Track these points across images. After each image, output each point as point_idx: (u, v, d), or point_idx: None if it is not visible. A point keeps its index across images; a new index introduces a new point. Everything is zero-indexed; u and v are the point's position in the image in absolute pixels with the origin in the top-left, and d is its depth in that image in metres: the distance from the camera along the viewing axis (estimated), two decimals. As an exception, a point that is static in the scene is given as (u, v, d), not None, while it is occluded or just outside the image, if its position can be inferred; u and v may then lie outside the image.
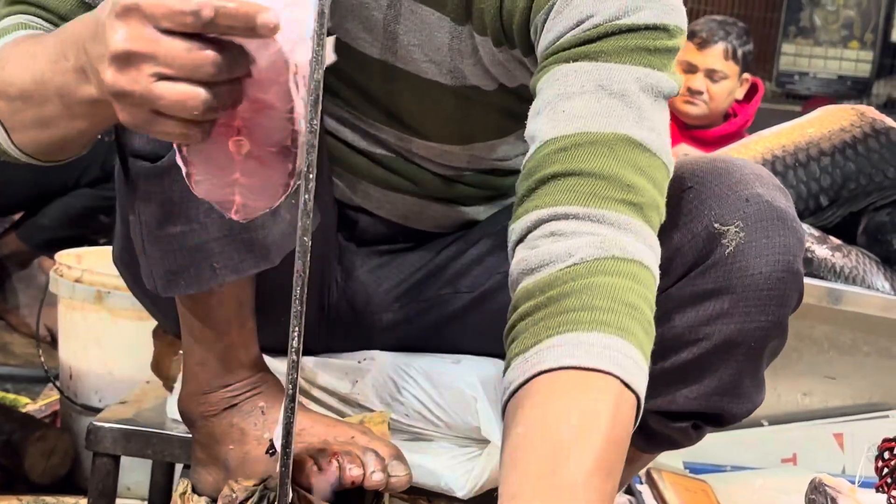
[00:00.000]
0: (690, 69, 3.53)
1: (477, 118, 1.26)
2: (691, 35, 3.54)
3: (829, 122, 2.36)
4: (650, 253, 1.01)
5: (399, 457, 1.20)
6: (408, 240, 1.40)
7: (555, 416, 0.91)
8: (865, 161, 2.30)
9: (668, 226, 1.10)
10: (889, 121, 2.34)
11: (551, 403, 0.92)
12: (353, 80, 1.26)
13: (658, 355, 1.15)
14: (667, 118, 1.07)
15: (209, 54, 0.79)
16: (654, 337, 0.99)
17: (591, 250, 0.98)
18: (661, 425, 1.25)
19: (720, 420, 1.25)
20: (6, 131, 1.03)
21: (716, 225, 1.17)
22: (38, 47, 0.97)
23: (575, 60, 1.05)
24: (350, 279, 1.39)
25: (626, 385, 0.93)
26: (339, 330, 1.40)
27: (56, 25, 1.09)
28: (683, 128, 3.59)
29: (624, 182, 1.01)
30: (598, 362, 0.92)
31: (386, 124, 1.29)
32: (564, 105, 1.04)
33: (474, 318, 1.37)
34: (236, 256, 1.13)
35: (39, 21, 1.11)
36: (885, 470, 1.37)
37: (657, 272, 1.02)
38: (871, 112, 2.37)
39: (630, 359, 0.94)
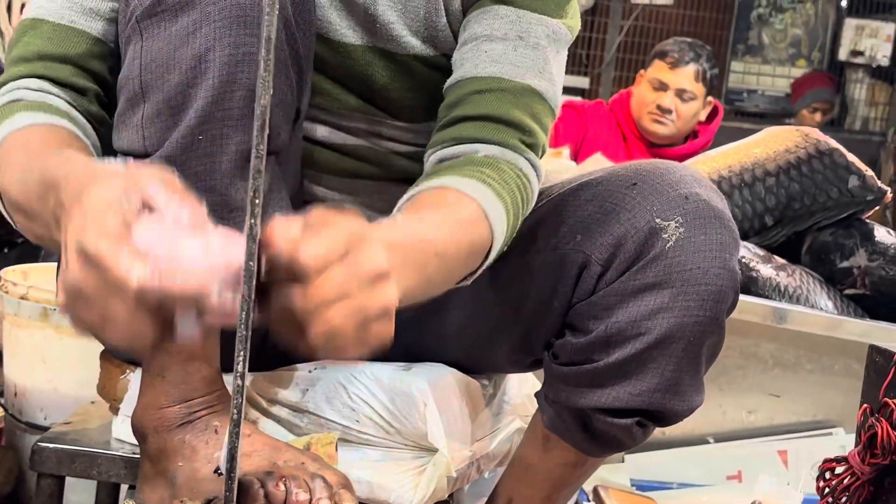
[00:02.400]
0: (661, 87, 3.63)
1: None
2: (663, 54, 3.65)
3: (775, 142, 2.39)
4: (534, 174, 1.24)
5: (347, 485, 1.20)
6: None
7: (430, 207, 1.13)
8: (810, 181, 2.33)
9: (612, 220, 1.22)
10: (833, 142, 2.38)
11: (435, 199, 1.15)
12: (332, 71, 1.30)
13: (602, 350, 1.20)
14: (561, 63, 1.30)
15: (144, 325, 0.81)
16: (519, 235, 1.24)
17: (495, 151, 1.20)
18: (605, 425, 1.27)
19: (662, 418, 1.28)
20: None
21: (657, 220, 1.21)
22: (33, 166, 1.02)
23: (503, 3, 1.26)
24: None
25: (486, 217, 1.14)
26: None
27: (67, 85, 1.19)
28: (649, 145, 3.67)
29: (523, 126, 1.23)
30: (472, 193, 1.15)
31: (360, 110, 1.33)
32: (486, 46, 1.25)
33: (428, 324, 1.38)
34: None
35: (49, 87, 1.18)
36: (827, 490, 1.39)
37: (536, 191, 1.25)
38: (816, 133, 2.41)
39: (496, 207, 1.15)
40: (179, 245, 0.79)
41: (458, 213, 1.13)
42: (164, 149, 1.12)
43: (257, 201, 0.79)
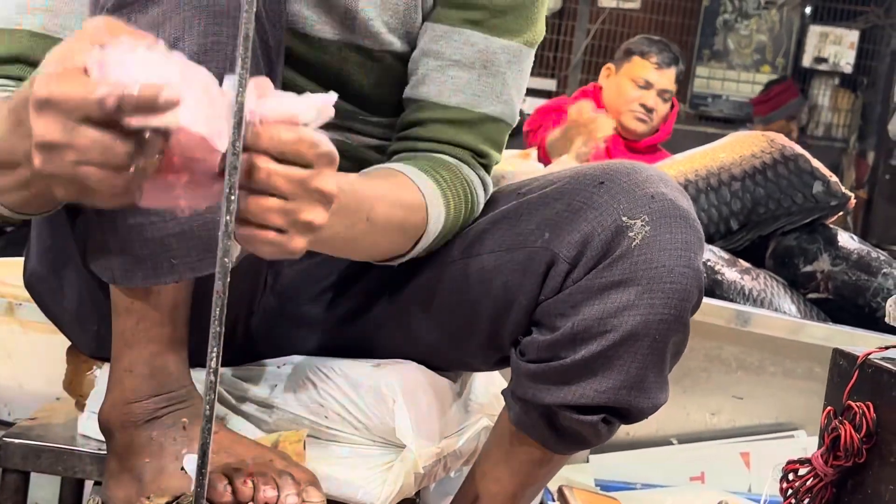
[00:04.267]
0: (646, 86, 3.73)
1: None
2: (645, 53, 3.75)
3: (740, 147, 2.42)
4: (482, 191, 1.36)
5: (314, 483, 1.20)
6: None
7: (379, 178, 1.25)
8: (775, 186, 2.36)
9: (580, 218, 1.24)
10: (798, 148, 2.40)
11: (386, 175, 1.27)
12: (306, 67, 1.31)
13: (569, 348, 1.22)
14: (524, 74, 1.39)
15: (117, 144, 0.84)
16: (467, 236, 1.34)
17: (451, 160, 1.33)
18: (571, 422, 1.28)
19: (627, 415, 1.29)
20: None
21: (623, 218, 1.23)
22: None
23: (475, 26, 1.34)
24: (280, 278, 1.41)
25: (426, 209, 1.25)
26: (266, 334, 1.41)
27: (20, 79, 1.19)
28: (621, 137, 3.73)
29: (479, 151, 1.36)
30: (420, 184, 1.27)
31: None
32: (453, 72, 1.34)
33: (397, 320, 1.39)
34: (194, 255, 1.15)
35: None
36: (790, 491, 1.40)
37: (481, 206, 1.36)
38: (781, 139, 2.43)
39: (437, 204, 1.27)
40: (137, 62, 0.82)
41: (400, 192, 1.24)
42: None
43: (233, 198, 0.79)
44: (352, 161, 1.36)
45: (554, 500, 2.01)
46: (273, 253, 0.93)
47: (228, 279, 0.80)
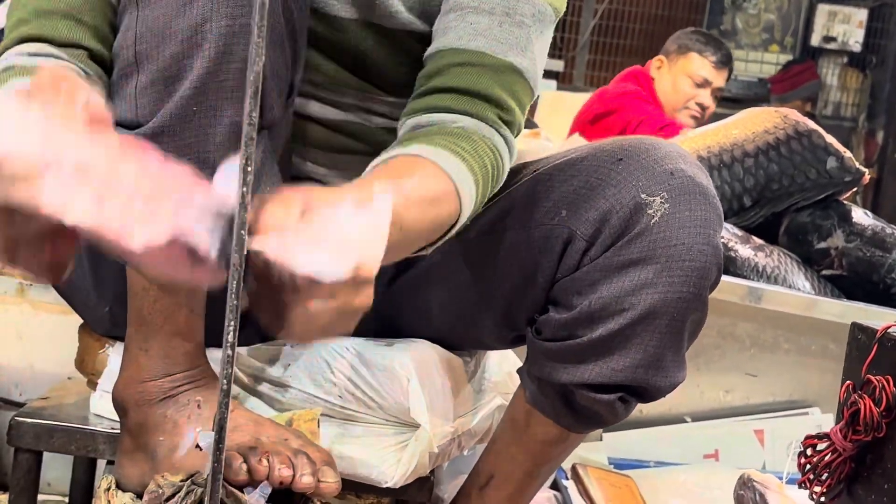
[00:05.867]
0: (704, 84, 3.74)
1: None
2: (704, 51, 3.75)
3: (753, 124, 2.40)
4: (507, 151, 1.23)
5: (330, 463, 1.19)
6: None
7: (401, 175, 1.11)
8: (788, 163, 2.34)
9: (598, 195, 1.22)
10: (811, 124, 2.39)
11: (407, 168, 1.14)
12: (324, 46, 1.29)
13: (586, 326, 1.20)
14: (545, 43, 1.30)
15: None
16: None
17: (470, 124, 1.19)
18: (588, 400, 1.28)
19: (644, 394, 1.28)
20: None
21: (642, 195, 1.21)
22: None
23: None
24: None
25: (456, 192, 1.13)
26: None
27: (65, 44, 1.16)
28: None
29: (501, 103, 1.22)
30: (447, 166, 1.14)
31: (352, 86, 1.33)
32: (472, 18, 1.24)
33: (411, 299, 1.38)
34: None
35: (46, 48, 1.15)
36: (808, 466, 1.39)
37: (508, 168, 1.24)
38: (795, 115, 2.41)
39: (466, 182, 1.15)
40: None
41: (427, 187, 1.11)
42: (157, 119, 1.11)
43: (249, 168, 0.78)
44: (369, 142, 1.35)
45: (567, 479, 2.01)
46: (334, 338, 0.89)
47: (245, 251, 0.79)
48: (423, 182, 1.11)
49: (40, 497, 1.42)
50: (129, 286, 1.20)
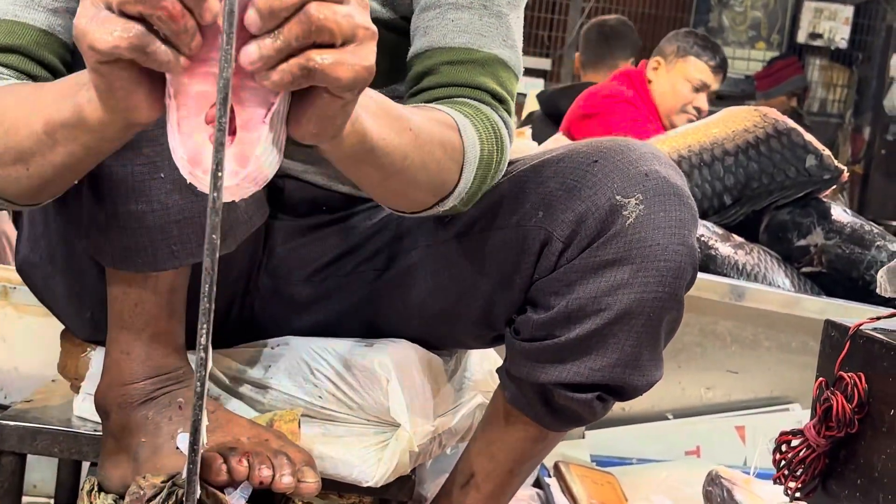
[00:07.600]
0: (702, 88, 3.74)
1: (401, 54, 1.31)
2: (702, 55, 3.73)
3: (733, 122, 2.42)
4: (506, 131, 1.25)
5: (310, 463, 1.21)
6: (330, 208, 1.42)
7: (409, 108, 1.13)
8: (768, 161, 2.36)
9: (574, 197, 1.23)
10: (791, 122, 2.40)
11: (425, 113, 1.15)
12: None
13: (563, 326, 1.21)
14: (521, 26, 1.32)
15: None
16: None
17: (472, 103, 1.22)
18: (566, 400, 1.29)
19: (622, 393, 1.29)
20: None
21: (618, 197, 1.22)
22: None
23: None
24: (273, 258, 1.41)
25: (460, 135, 1.17)
26: (262, 314, 1.41)
27: (18, 70, 1.15)
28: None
29: (495, 93, 1.26)
30: (446, 110, 1.18)
31: None
32: (452, 15, 1.27)
33: (391, 299, 1.39)
34: (194, 240, 1.15)
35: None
36: (783, 462, 1.41)
37: (509, 147, 1.26)
38: (774, 113, 2.43)
39: (470, 134, 1.18)
40: None
41: (436, 115, 1.16)
42: None
43: (220, 174, 0.79)
44: None
45: (550, 476, 2.02)
46: (350, 74, 0.87)
47: (217, 255, 0.80)
48: (431, 113, 1.16)
49: (25, 499, 1.43)
50: (109, 290, 1.21)
